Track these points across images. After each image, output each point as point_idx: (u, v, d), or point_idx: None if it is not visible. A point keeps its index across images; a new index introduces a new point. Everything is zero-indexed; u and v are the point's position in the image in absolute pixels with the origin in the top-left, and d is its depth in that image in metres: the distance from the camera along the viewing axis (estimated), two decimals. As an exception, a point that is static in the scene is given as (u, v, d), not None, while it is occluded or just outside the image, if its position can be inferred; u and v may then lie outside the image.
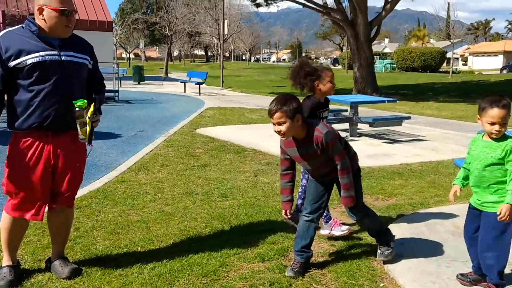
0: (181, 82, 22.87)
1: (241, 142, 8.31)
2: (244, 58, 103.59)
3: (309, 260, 3.32)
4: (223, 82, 26.00)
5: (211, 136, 8.99)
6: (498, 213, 2.74)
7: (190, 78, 22.82)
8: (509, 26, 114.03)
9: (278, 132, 3.00)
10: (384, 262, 3.35)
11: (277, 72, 54.12)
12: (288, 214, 3.29)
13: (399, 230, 4.00)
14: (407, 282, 3.09)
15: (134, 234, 3.94)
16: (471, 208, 3.02)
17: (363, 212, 3.30)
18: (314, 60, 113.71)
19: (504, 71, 50.92)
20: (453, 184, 3.08)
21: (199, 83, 20.23)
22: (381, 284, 3.10)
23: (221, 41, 28.03)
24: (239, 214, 4.48)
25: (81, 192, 5.13)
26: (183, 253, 3.53)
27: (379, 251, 3.38)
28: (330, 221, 3.91)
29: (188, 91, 21.18)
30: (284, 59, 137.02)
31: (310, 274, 3.23)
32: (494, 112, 2.72)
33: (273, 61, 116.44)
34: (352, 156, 3.26)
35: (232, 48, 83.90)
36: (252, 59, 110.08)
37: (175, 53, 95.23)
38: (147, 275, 3.17)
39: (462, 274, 3.10)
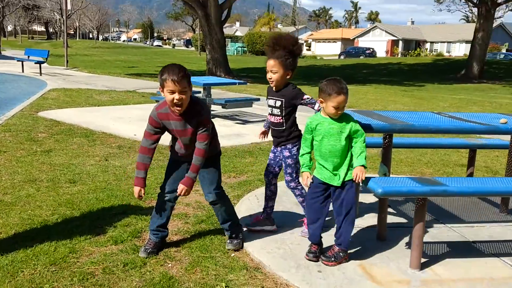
0: (18, 60, 20.79)
1: (90, 125, 7.92)
2: (91, 36, 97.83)
3: (163, 239, 3.35)
4: (67, 61, 24.23)
5: (56, 119, 8.39)
6: (353, 175, 3.04)
7: (28, 57, 20.82)
8: (347, 15, 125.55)
9: (178, 101, 2.93)
10: (234, 250, 3.37)
11: (128, 52, 52.27)
12: (142, 193, 3.16)
13: (248, 204, 4.26)
14: (255, 250, 3.33)
15: (-33, 227, 3.56)
16: (318, 182, 3.19)
17: (220, 195, 3.32)
18: (167, 40, 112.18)
19: (342, 57, 56.09)
20: (302, 172, 3.23)
21: (39, 62, 18.59)
22: (232, 254, 3.28)
23: (64, 17, 26.00)
24: (89, 199, 4.31)
25: None
26: (27, 242, 3.30)
27: (228, 241, 3.41)
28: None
29: (26, 71, 19.33)
30: (135, 39, 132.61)
31: (164, 251, 3.27)
32: (340, 99, 3.01)
33: (123, 41, 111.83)
34: (216, 139, 3.34)
35: (77, 25, 78.40)
36: (100, 37, 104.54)
37: (9, 28, 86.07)
38: (-16, 270, 2.91)
39: (325, 255, 3.21)
